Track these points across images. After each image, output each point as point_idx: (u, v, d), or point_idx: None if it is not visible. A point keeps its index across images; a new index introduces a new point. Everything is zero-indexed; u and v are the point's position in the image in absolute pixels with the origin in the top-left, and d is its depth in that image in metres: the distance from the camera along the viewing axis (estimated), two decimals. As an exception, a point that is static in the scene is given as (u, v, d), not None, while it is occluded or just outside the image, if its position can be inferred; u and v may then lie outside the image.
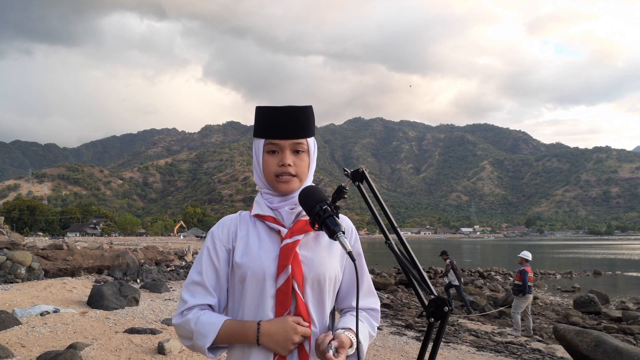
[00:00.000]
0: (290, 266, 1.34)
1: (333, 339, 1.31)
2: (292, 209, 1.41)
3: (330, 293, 1.43)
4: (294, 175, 1.41)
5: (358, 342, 1.32)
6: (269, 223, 1.41)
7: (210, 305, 1.40)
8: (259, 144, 1.43)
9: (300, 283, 1.35)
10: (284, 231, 1.39)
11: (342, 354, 1.29)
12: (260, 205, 1.45)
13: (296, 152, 1.41)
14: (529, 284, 10.11)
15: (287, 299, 1.34)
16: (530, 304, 10.51)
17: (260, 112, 1.42)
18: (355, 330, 1.36)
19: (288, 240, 1.37)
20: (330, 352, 1.27)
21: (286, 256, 1.35)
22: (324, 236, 1.42)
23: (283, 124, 1.39)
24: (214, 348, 1.35)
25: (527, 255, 10.49)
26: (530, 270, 10.21)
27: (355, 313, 1.44)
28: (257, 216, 1.44)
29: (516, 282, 10.30)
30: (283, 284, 1.34)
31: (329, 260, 1.42)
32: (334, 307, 1.48)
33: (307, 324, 1.34)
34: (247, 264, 1.37)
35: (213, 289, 1.40)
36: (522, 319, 10.50)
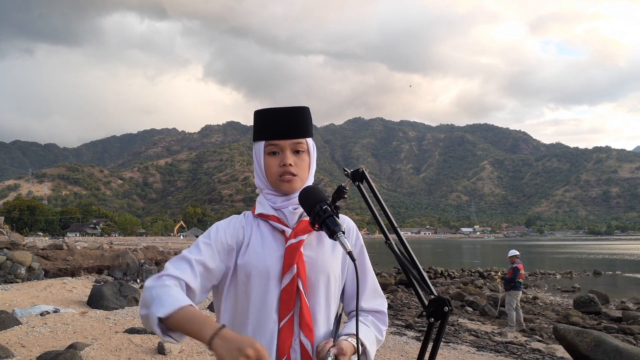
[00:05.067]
0: (295, 266, 1.34)
1: (333, 347, 1.29)
2: (295, 209, 1.41)
3: (335, 293, 1.43)
4: (295, 175, 1.41)
5: (363, 346, 1.32)
6: (272, 223, 1.40)
7: (188, 285, 1.29)
8: (260, 146, 1.44)
9: (305, 283, 1.35)
10: (288, 231, 1.38)
11: None
12: (263, 205, 1.44)
13: (296, 152, 1.42)
14: (520, 280, 10.65)
15: (292, 299, 1.33)
16: (519, 299, 10.84)
17: (259, 115, 1.45)
18: (360, 337, 1.34)
19: (293, 240, 1.36)
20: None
21: (291, 256, 1.35)
22: (327, 236, 1.38)
23: (282, 124, 1.40)
24: (166, 329, 1.20)
25: (517, 252, 11.09)
26: (521, 267, 10.74)
27: (361, 318, 1.43)
28: (261, 215, 1.43)
29: (507, 277, 10.81)
30: (288, 284, 1.33)
31: (333, 260, 1.43)
32: (339, 313, 1.47)
33: (266, 354, 1.12)
34: (251, 263, 1.36)
35: (200, 273, 1.32)
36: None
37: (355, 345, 1.32)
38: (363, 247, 1.50)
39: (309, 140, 1.46)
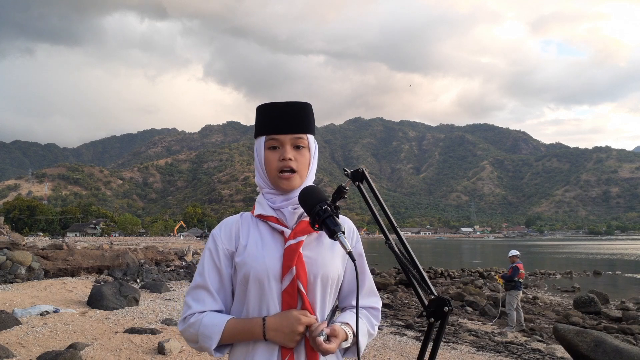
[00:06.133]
0: (295, 267, 1.34)
1: (327, 327, 1.33)
2: (295, 209, 1.41)
3: (333, 292, 1.44)
4: (294, 171, 1.41)
5: (355, 337, 1.34)
6: (271, 223, 1.40)
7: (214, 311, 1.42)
8: (260, 142, 1.44)
9: (305, 284, 1.35)
10: (288, 232, 1.38)
11: (333, 343, 1.30)
12: (262, 206, 1.44)
13: (297, 147, 1.42)
14: (520, 280, 10.61)
15: (294, 300, 1.34)
16: (520, 299, 10.80)
17: (261, 110, 1.44)
18: (352, 325, 1.39)
19: (292, 241, 1.36)
20: (321, 338, 1.28)
21: (290, 257, 1.35)
22: (326, 236, 1.38)
23: (283, 118, 1.40)
24: (220, 347, 1.37)
25: (517, 252, 11.06)
26: (521, 267, 10.73)
27: (355, 310, 1.45)
28: (260, 216, 1.43)
29: (507, 275, 10.78)
30: (289, 285, 1.34)
31: (332, 260, 1.43)
32: (335, 304, 1.49)
33: (314, 317, 1.35)
34: (250, 264, 1.36)
35: (216, 291, 1.40)
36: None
37: (347, 332, 1.36)
38: (362, 251, 1.52)
39: (310, 136, 1.45)
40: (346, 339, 1.36)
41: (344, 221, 1.45)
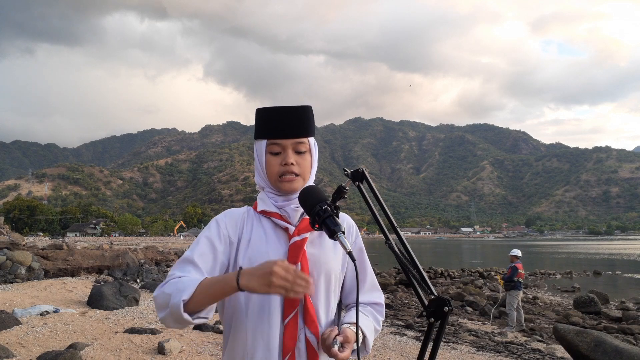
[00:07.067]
0: (300, 263, 1.33)
1: (338, 334, 1.31)
2: (297, 207, 1.40)
3: (336, 289, 1.45)
4: (297, 175, 1.40)
5: (363, 335, 1.37)
6: (275, 220, 1.40)
7: None
8: (261, 145, 1.42)
9: None
10: (292, 229, 1.38)
11: (347, 349, 1.29)
12: (265, 202, 1.43)
13: (298, 152, 1.41)
14: (520, 280, 10.57)
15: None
16: (520, 299, 10.76)
17: (261, 113, 1.43)
18: (360, 326, 1.38)
19: (297, 238, 1.36)
20: (336, 347, 1.27)
21: (295, 254, 1.34)
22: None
23: (284, 123, 1.39)
24: (192, 313, 1.22)
25: (517, 252, 10.96)
26: (521, 267, 10.67)
27: (360, 308, 1.43)
28: (263, 212, 1.42)
29: (506, 275, 10.75)
30: None
31: (335, 257, 1.43)
32: (340, 301, 1.50)
33: (293, 266, 1.17)
34: (254, 259, 1.34)
35: (207, 272, 1.31)
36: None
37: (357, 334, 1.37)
38: (362, 245, 1.53)
39: (311, 139, 1.45)
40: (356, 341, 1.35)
41: (343, 218, 1.44)
